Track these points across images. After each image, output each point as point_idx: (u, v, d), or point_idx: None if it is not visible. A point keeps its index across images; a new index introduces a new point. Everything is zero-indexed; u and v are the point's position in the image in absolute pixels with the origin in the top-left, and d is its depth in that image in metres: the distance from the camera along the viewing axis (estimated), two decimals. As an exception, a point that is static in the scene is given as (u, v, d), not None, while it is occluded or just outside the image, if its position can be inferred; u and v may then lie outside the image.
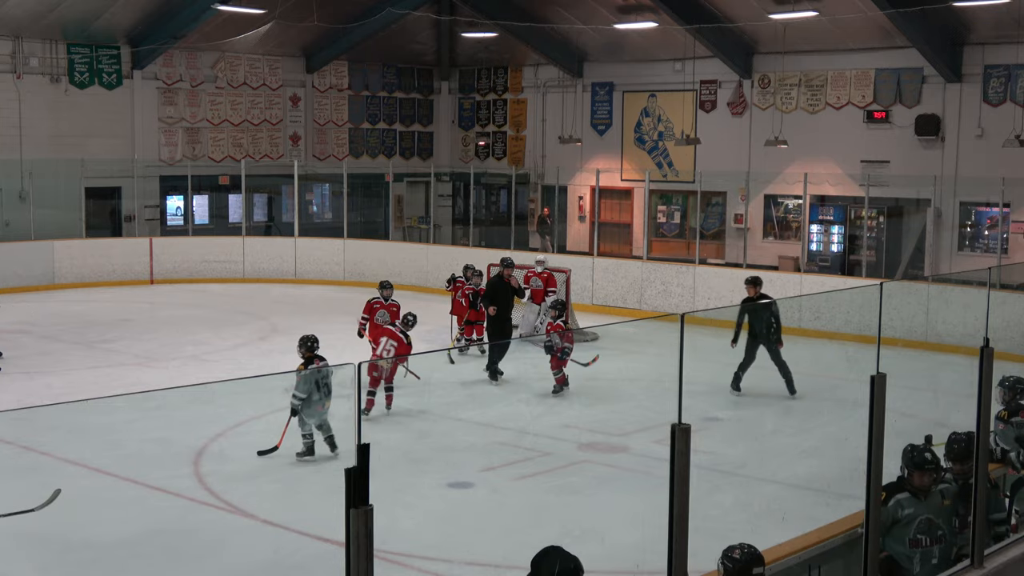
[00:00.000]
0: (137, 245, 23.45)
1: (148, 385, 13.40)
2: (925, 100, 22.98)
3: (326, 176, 28.35)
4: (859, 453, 5.78)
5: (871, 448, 5.58)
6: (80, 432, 11.17)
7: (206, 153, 26.26)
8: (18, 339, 17.10)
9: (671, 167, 26.91)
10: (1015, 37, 21.12)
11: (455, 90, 30.93)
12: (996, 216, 21.83)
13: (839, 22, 22.39)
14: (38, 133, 23.32)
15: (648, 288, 20.41)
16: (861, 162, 23.51)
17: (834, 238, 24.40)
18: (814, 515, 8.17)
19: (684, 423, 4.49)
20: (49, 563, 8.14)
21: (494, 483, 10.30)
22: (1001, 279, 16.17)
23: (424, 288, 22.84)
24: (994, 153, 21.72)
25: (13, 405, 12.02)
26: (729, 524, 8.96)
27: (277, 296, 21.89)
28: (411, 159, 30.47)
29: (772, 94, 24.97)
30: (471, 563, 8.27)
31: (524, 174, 28.89)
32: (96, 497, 9.58)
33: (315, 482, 9.99)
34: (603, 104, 28.06)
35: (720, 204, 26.00)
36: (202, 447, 11.21)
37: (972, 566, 5.97)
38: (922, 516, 5.99)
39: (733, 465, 10.63)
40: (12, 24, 22.52)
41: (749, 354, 13.27)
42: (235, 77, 26.66)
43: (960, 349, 14.83)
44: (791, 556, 5.67)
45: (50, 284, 22.07)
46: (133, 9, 23.71)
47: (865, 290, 16.69)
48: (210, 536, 8.93)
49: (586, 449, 11.47)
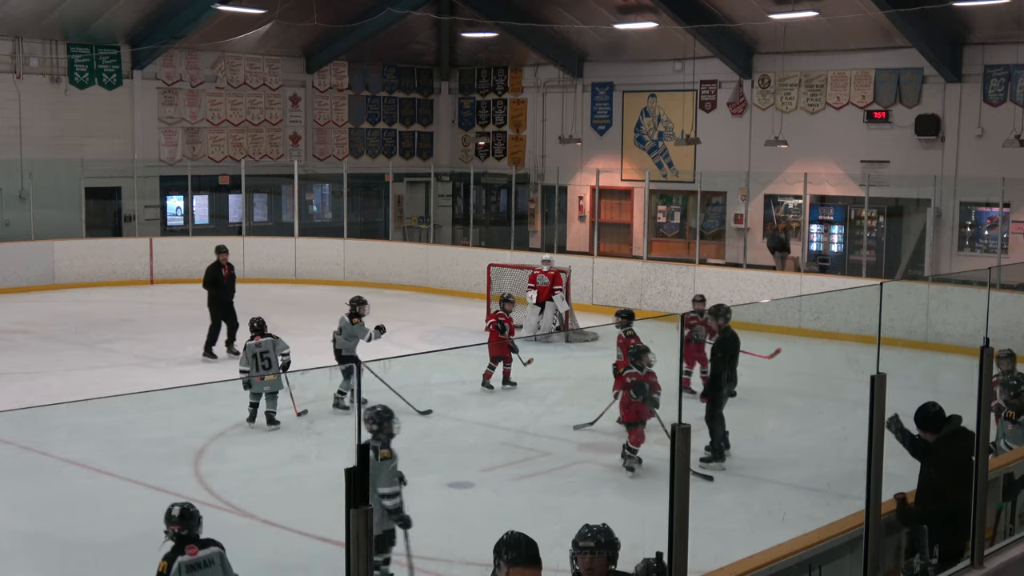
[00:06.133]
0: (137, 245, 23.45)
1: (148, 385, 13.40)
2: (925, 100, 22.97)
3: (326, 176, 28.35)
4: (859, 453, 5.78)
5: (871, 448, 5.58)
6: (80, 432, 11.17)
7: (206, 153, 26.26)
8: (18, 339, 17.12)
9: (671, 167, 26.91)
10: (1015, 37, 21.12)
11: (455, 90, 30.93)
12: (996, 216, 21.83)
13: (839, 22, 22.39)
14: (38, 133, 23.31)
15: (648, 288, 20.41)
16: (861, 162, 23.51)
17: (834, 238, 24.41)
18: (814, 515, 8.17)
19: (684, 423, 4.49)
20: (49, 563, 8.14)
21: (494, 483, 10.30)
22: (1001, 279, 16.16)
23: (424, 288, 22.86)
24: (994, 153, 21.72)
25: (13, 405, 12.01)
26: (729, 524, 8.97)
27: (277, 296, 21.87)
28: (411, 159, 30.47)
29: (772, 94, 24.97)
30: (471, 563, 8.27)
31: (524, 174, 28.89)
32: (96, 497, 9.59)
33: (315, 482, 9.98)
34: (603, 104, 28.06)
35: (720, 204, 26.00)
36: (202, 447, 11.22)
37: (972, 566, 5.98)
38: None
39: (733, 465, 10.63)
40: (12, 24, 22.52)
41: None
42: (235, 77, 26.66)
43: (960, 349, 14.84)
44: (791, 556, 5.67)
45: (50, 284, 22.06)
46: (133, 9, 23.71)
47: (865, 290, 16.69)
48: (210, 536, 8.93)
49: (586, 449, 11.46)
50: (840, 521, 6.14)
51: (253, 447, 11.75)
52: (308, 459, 10.62)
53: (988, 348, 6.15)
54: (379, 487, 7.31)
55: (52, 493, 9.65)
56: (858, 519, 5.84)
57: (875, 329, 5.75)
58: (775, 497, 9.86)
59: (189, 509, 6.08)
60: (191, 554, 5.86)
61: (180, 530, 6.01)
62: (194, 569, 5.87)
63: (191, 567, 5.86)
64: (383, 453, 7.29)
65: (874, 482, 5.58)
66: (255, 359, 12.35)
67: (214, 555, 5.99)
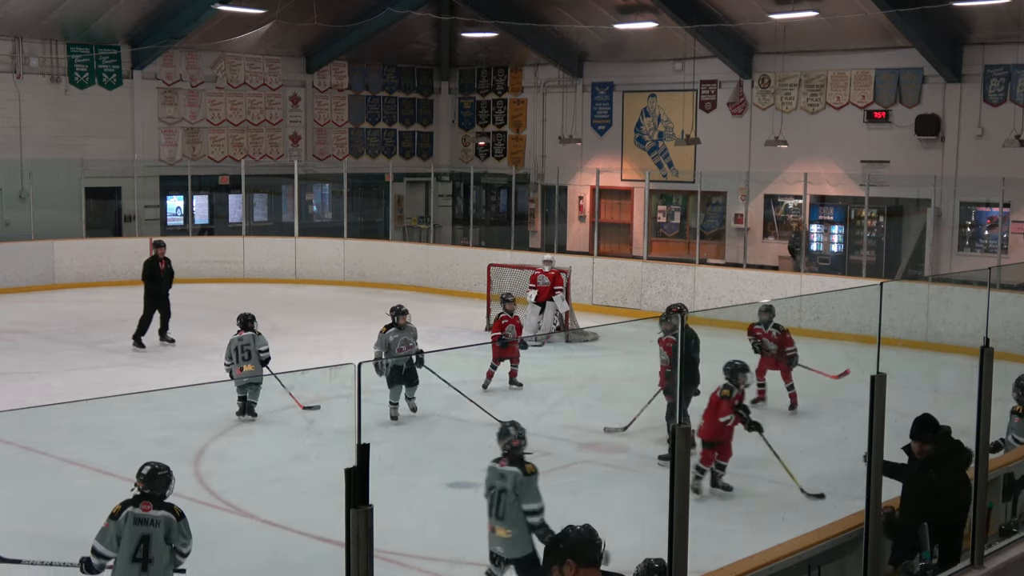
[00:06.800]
0: (137, 245, 23.41)
1: (148, 385, 13.40)
2: (925, 100, 22.97)
3: (326, 176, 28.36)
4: (859, 453, 5.79)
5: (871, 448, 5.59)
6: (80, 432, 11.17)
7: (206, 153, 26.26)
8: (18, 339, 17.12)
9: (671, 167, 26.91)
10: (1015, 37, 21.12)
11: (455, 90, 30.93)
12: (996, 216, 21.83)
13: (839, 22, 22.39)
14: (38, 133, 23.31)
15: (648, 288, 20.41)
16: (861, 162, 23.50)
17: (834, 238, 24.41)
18: (814, 515, 8.17)
19: (684, 423, 4.49)
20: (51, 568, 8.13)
21: (494, 483, 10.29)
22: (1001, 279, 16.16)
23: (424, 288, 22.86)
24: (994, 153, 21.72)
25: (13, 405, 12.01)
26: (729, 524, 8.97)
27: (277, 296, 21.87)
28: (411, 159, 30.47)
29: (772, 94, 24.97)
30: (471, 563, 8.27)
31: (524, 174, 28.89)
32: (96, 497, 9.57)
33: (315, 482, 9.97)
34: (603, 104, 28.06)
35: (720, 204, 26.00)
36: (202, 447, 11.22)
37: (972, 566, 5.98)
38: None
39: (733, 465, 10.63)
40: (12, 24, 22.52)
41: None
42: (235, 77, 26.66)
43: (960, 349, 14.83)
44: (791, 556, 5.67)
45: (50, 284, 22.06)
46: (133, 9, 23.71)
47: (865, 290, 16.68)
48: (210, 536, 8.92)
49: (586, 449, 11.46)
50: (840, 521, 6.14)
51: (253, 447, 11.75)
52: (308, 459, 10.61)
53: (988, 348, 6.15)
54: (525, 503, 6.92)
55: (52, 493, 9.65)
56: (858, 519, 5.84)
57: (875, 329, 5.75)
58: (775, 497, 9.85)
59: (157, 472, 6.46)
60: (143, 509, 6.29)
61: (144, 487, 6.40)
62: (140, 523, 6.27)
63: (138, 520, 6.27)
64: (528, 467, 6.96)
65: (874, 482, 5.58)
66: (236, 352, 12.54)
67: (162, 518, 6.33)
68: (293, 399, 12.35)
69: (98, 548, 6.33)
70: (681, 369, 9.06)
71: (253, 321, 12.74)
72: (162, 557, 6.31)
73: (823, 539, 5.92)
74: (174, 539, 6.34)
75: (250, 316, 12.78)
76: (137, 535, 6.23)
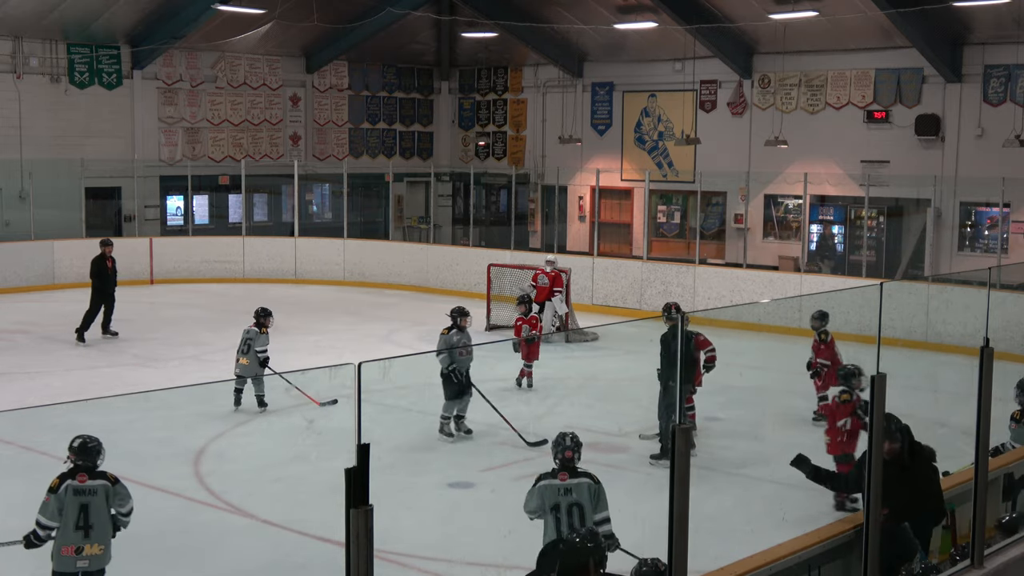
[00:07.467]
0: (137, 245, 23.44)
1: (148, 385, 13.40)
2: (925, 100, 22.97)
3: (326, 176, 28.35)
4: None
5: (871, 448, 5.59)
6: (80, 432, 11.15)
7: (206, 153, 26.26)
8: (18, 339, 17.12)
9: (671, 167, 26.91)
10: (1015, 37, 21.12)
11: (455, 90, 30.93)
12: (996, 216, 21.83)
13: (839, 22, 22.39)
14: (38, 133, 23.31)
15: (648, 288, 20.41)
16: (861, 162, 23.50)
17: (834, 238, 24.40)
18: (814, 515, 8.18)
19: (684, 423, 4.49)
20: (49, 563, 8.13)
21: (494, 483, 10.30)
22: (1001, 279, 16.16)
23: (424, 288, 22.86)
24: (994, 153, 21.72)
25: (13, 405, 12.01)
26: (729, 524, 8.97)
27: (277, 296, 21.86)
28: (411, 159, 30.47)
29: (772, 94, 24.97)
30: (471, 563, 8.27)
31: (524, 174, 28.89)
32: (96, 497, 9.57)
33: (315, 482, 9.98)
34: (603, 104, 28.05)
35: (720, 204, 26.00)
36: (202, 447, 11.22)
37: (972, 566, 5.98)
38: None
39: (733, 465, 10.63)
40: (12, 24, 22.52)
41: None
42: (235, 77, 26.66)
43: (960, 349, 14.83)
44: (791, 556, 5.67)
45: (50, 284, 22.06)
46: (133, 9, 23.71)
47: (865, 290, 16.68)
48: (210, 536, 8.93)
49: (586, 449, 11.43)
50: (840, 521, 6.15)
51: (253, 447, 11.75)
52: (308, 459, 10.61)
53: (988, 348, 6.15)
54: (599, 512, 6.96)
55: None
56: (858, 519, 5.85)
57: (875, 329, 5.75)
58: (775, 497, 9.85)
59: (87, 444, 6.77)
60: (80, 481, 6.66)
61: (76, 460, 6.73)
62: (80, 494, 6.65)
63: (77, 491, 6.64)
64: (593, 475, 7.00)
65: (874, 482, 5.58)
66: (241, 343, 12.77)
67: (99, 487, 6.70)
68: (308, 397, 12.35)
69: (42, 520, 6.68)
70: (681, 369, 9.07)
71: (264, 318, 12.73)
72: (103, 522, 6.73)
73: (823, 539, 5.93)
74: (113, 503, 6.74)
75: (264, 312, 12.78)
76: (77, 505, 6.63)
